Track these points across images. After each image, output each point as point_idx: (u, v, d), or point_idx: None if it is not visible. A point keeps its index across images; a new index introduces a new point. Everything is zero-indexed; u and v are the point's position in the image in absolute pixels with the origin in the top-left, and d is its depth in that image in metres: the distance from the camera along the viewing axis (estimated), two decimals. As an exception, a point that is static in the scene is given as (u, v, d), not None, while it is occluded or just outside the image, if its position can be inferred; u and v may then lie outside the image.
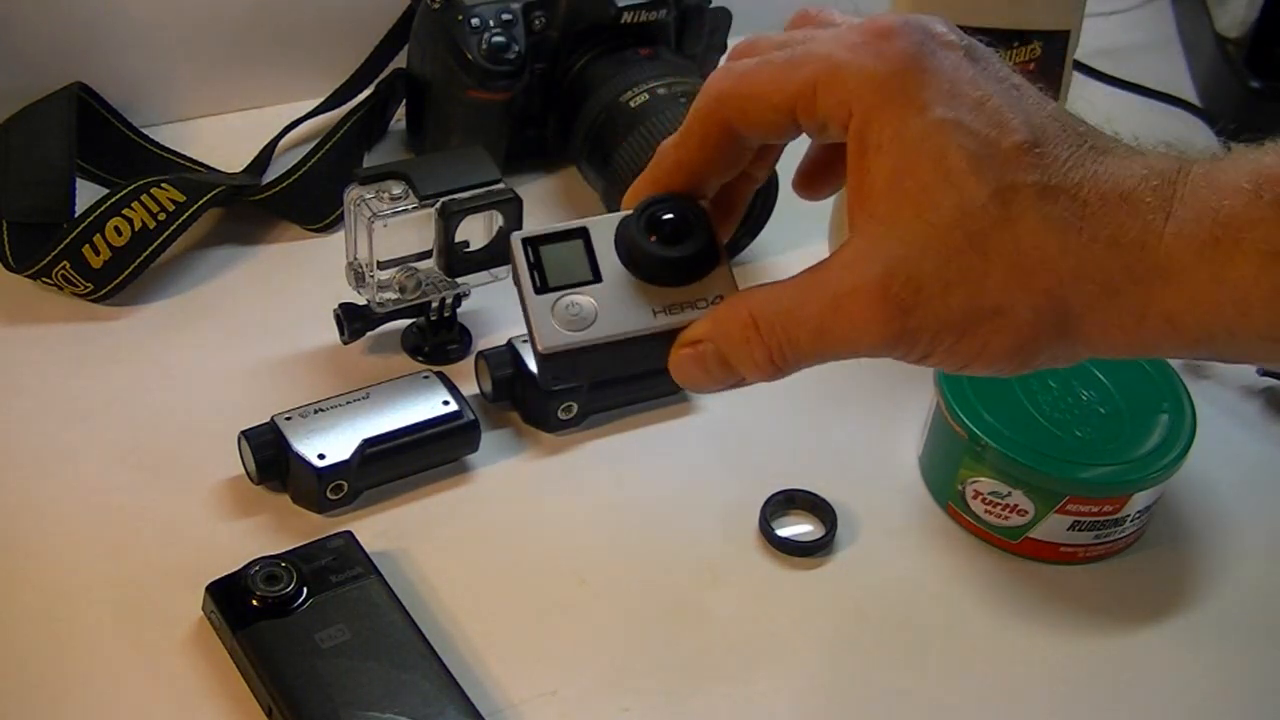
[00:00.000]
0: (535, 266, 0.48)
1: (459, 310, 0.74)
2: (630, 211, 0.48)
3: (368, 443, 0.65)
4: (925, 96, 0.44)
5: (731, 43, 0.90)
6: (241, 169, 0.83)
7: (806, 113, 0.45)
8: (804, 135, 0.48)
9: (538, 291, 0.48)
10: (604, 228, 0.48)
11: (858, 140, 0.44)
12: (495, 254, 0.72)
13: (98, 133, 0.82)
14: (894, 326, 0.44)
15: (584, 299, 0.47)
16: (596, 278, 0.48)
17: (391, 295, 0.71)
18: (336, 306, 0.72)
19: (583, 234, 0.48)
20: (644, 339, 0.47)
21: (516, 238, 0.48)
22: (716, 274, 0.48)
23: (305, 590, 0.59)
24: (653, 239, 0.47)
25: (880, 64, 0.44)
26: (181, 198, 0.76)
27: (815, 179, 0.51)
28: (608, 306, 0.47)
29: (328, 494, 0.65)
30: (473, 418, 0.68)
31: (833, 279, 0.45)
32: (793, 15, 0.50)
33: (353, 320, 0.72)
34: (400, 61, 0.87)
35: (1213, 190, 0.43)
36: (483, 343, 0.74)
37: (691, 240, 0.47)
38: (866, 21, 0.46)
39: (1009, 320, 0.43)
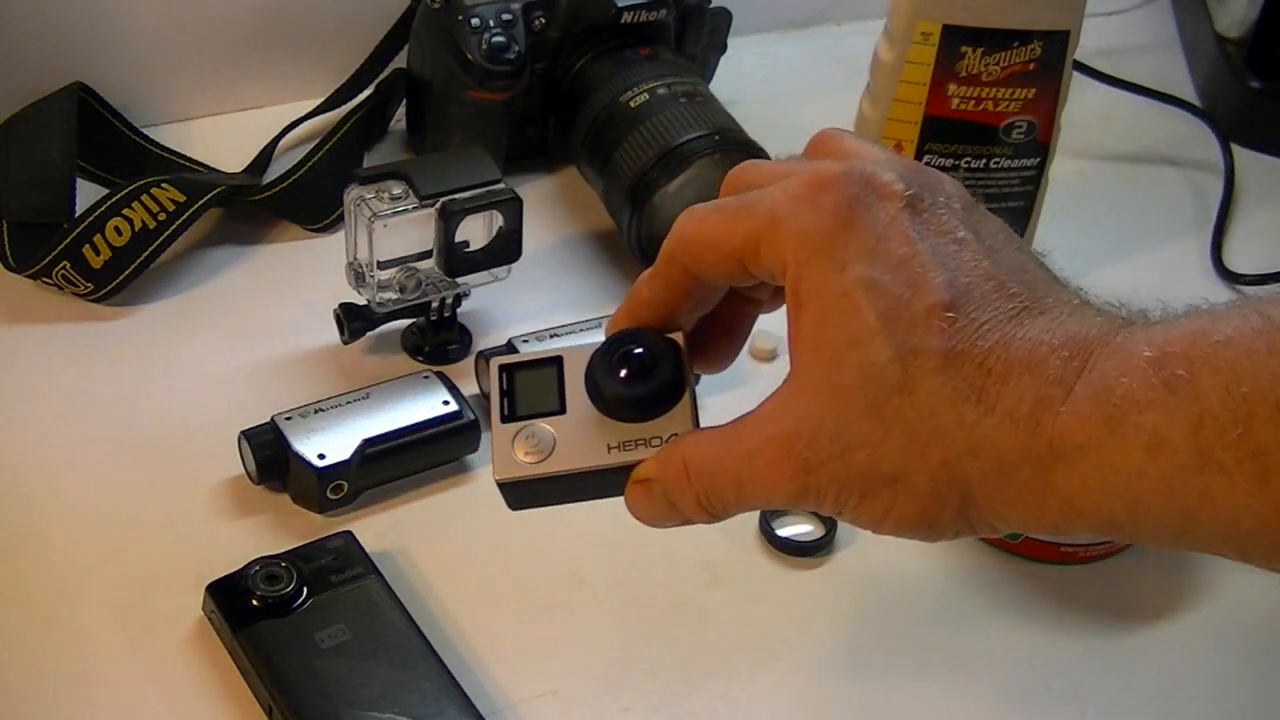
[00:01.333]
0: (506, 394, 0.50)
1: (459, 310, 0.74)
2: (602, 344, 0.49)
3: (368, 443, 0.65)
4: (847, 254, 0.44)
5: (731, 43, 0.90)
6: (241, 169, 0.83)
7: (753, 264, 0.46)
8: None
9: (503, 420, 0.49)
10: (578, 358, 0.49)
11: (792, 295, 0.45)
12: (495, 254, 0.72)
13: (98, 133, 0.82)
14: (797, 483, 0.44)
15: (545, 429, 0.49)
16: (561, 409, 0.49)
17: (391, 295, 0.71)
18: (336, 306, 0.72)
19: (557, 363, 0.50)
20: (596, 473, 0.48)
21: (495, 363, 0.50)
22: (678, 410, 0.48)
23: (305, 590, 0.59)
24: (621, 372, 0.48)
25: (812, 219, 0.44)
26: (181, 198, 0.76)
27: None
28: (566, 439, 0.49)
29: (328, 494, 0.65)
30: (473, 418, 0.68)
31: (752, 431, 0.46)
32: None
33: (353, 320, 0.72)
34: (400, 61, 0.87)
35: (1117, 364, 0.41)
36: (483, 343, 0.74)
37: (652, 378, 0.48)
38: (811, 170, 0.46)
39: (908, 488, 0.43)
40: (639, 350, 0.48)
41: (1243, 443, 0.39)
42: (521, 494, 0.50)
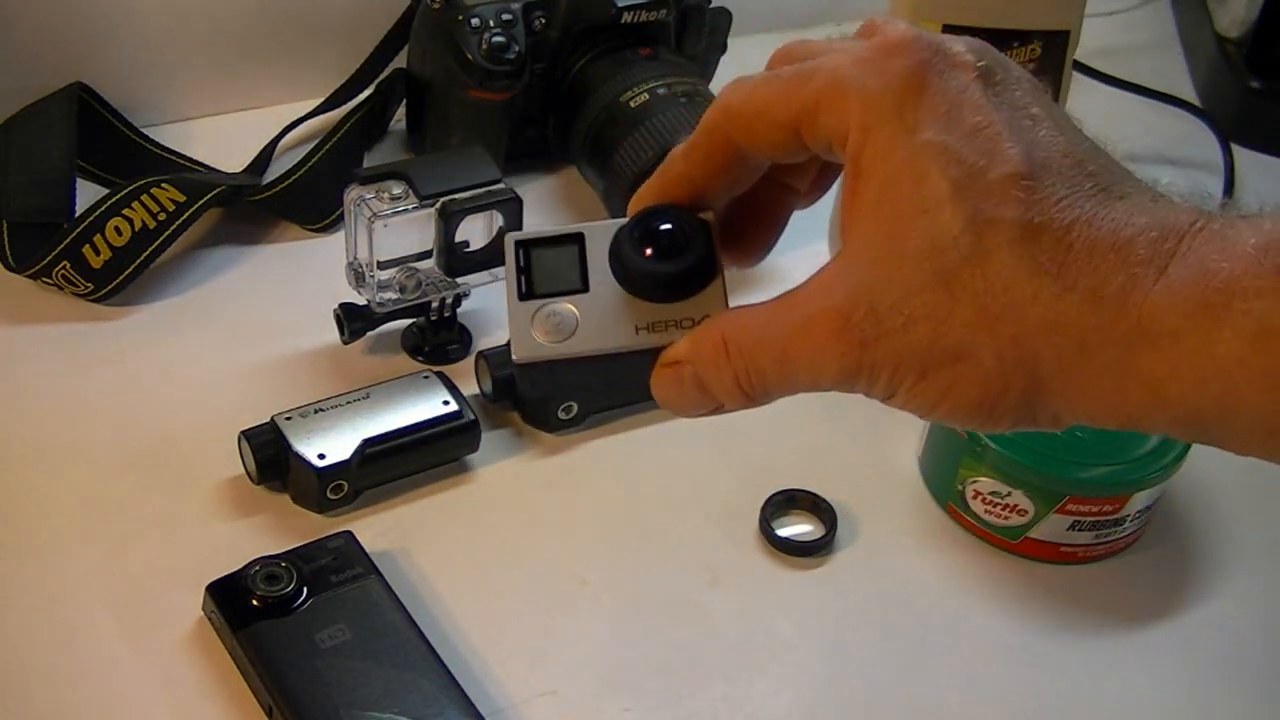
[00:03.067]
0: (523, 271, 0.47)
1: (459, 310, 0.74)
2: (628, 220, 0.47)
3: (368, 443, 0.65)
4: (918, 118, 0.41)
5: (731, 43, 0.90)
6: (241, 169, 0.83)
7: (810, 131, 0.43)
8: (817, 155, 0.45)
9: (521, 298, 0.46)
10: (601, 235, 0.47)
11: (853, 162, 0.42)
12: (495, 254, 0.72)
13: (98, 133, 0.82)
14: (851, 359, 0.42)
15: (567, 309, 0.46)
16: (584, 287, 0.46)
17: (391, 295, 0.71)
18: (336, 306, 0.72)
19: (578, 240, 0.47)
20: (623, 356, 0.45)
21: (511, 239, 0.47)
22: (709, 292, 0.45)
23: (305, 590, 0.59)
24: (646, 252, 0.45)
25: (880, 82, 0.42)
26: (181, 198, 0.76)
27: None
28: (590, 319, 0.46)
29: (328, 494, 0.65)
30: (473, 418, 0.68)
31: (802, 303, 0.43)
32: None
33: (353, 320, 0.72)
34: (400, 61, 0.87)
35: (1217, 249, 0.39)
36: (483, 343, 0.74)
37: (684, 256, 0.45)
38: (880, 35, 0.43)
39: (972, 366, 0.41)
40: (668, 227, 0.45)
41: None
42: (539, 377, 0.46)
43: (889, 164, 0.41)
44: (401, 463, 0.67)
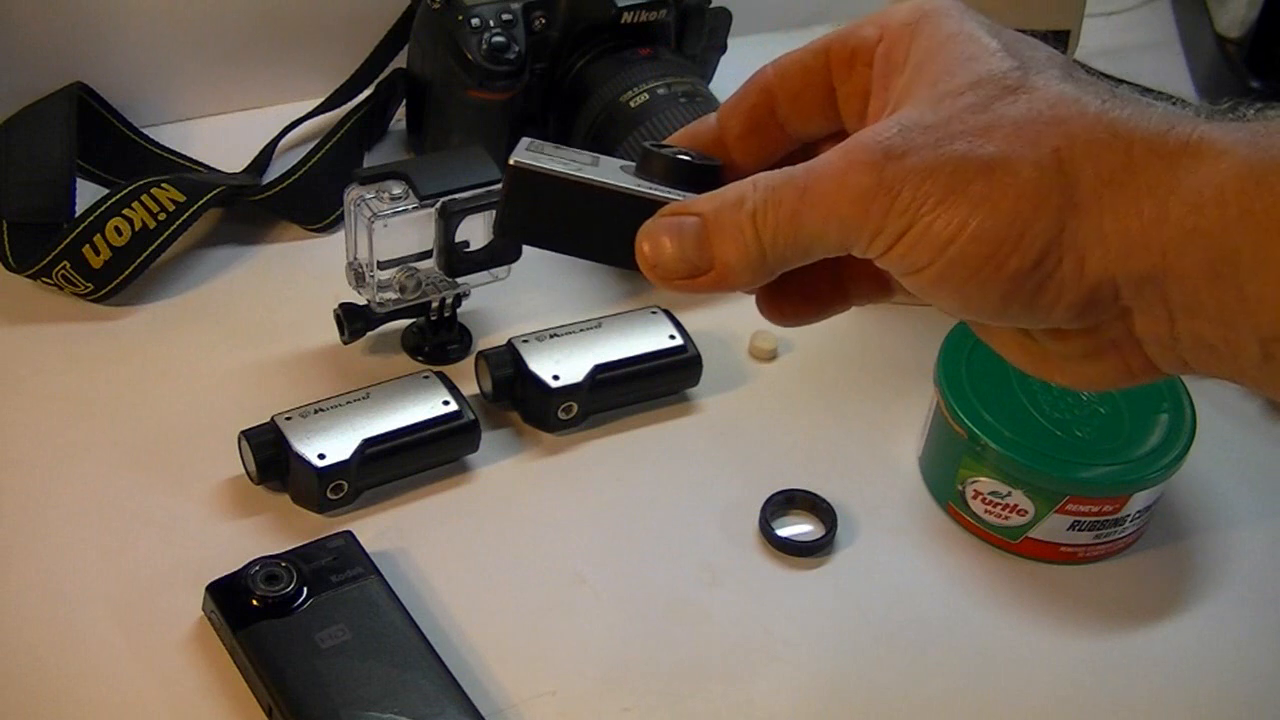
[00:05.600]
0: (534, 150, 0.48)
1: (459, 310, 0.74)
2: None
3: (368, 443, 0.65)
4: (958, 10, 0.44)
5: (731, 43, 0.90)
6: (241, 169, 0.83)
7: (840, 44, 0.45)
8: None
9: (528, 149, 0.47)
10: (615, 162, 0.48)
11: (884, 62, 0.44)
12: (495, 254, 0.72)
13: (98, 133, 0.82)
14: (870, 177, 0.40)
15: (573, 161, 0.47)
16: (593, 165, 0.47)
17: (391, 295, 0.71)
18: (336, 306, 0.72)
19: (594, 158, 0.48)
20: (617, 196, 0.46)
21: (524, 142, 0.48)
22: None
23: (305, 590, 0.59)
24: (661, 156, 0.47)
25: (917, 3, 0.44)
26: (181, 198, 0.76)
27: (798, 299, 0.48)
28: (591, 170, 0.47)
29: (328, 494, 0.65)
30: (473, 418, 0.68)
31: (836, 151, 0.42)
32: None
33: (353, 320, 0.72)
34: (400, 61, 0.87)
35: (1270, 124, 0.40)
36: (483, 343, 0.74)
37: (696, 157, 0.47)
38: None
39: (1008, 177, 0.39)
40: (684, 153, 0.47)
41: None
42: (526, 198, 0.46)
43: (932, 42, 0.43)
44: (401, 463, 0.67)
